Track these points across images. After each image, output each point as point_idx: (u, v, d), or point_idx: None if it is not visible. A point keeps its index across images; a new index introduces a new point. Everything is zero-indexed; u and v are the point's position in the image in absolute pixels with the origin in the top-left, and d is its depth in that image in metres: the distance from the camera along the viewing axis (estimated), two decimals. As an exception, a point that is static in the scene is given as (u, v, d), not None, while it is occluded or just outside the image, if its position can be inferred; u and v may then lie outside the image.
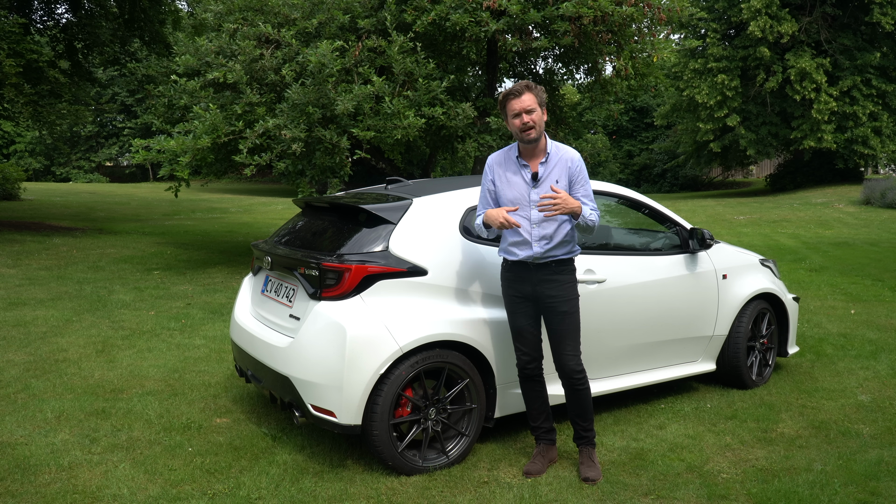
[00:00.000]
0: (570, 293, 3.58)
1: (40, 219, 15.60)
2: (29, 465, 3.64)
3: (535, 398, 3.75)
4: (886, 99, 25.11)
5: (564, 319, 3.56)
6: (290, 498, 3.37)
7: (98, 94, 37.63)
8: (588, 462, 3.65)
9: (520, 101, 3.47)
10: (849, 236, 14.66)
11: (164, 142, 8.14)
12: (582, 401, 3.64)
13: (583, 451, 3.71)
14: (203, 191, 28.48)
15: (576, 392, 3.62)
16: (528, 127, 3.46)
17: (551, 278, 3.55)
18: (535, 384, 3.73)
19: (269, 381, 3.87)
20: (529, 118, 3.45)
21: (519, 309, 3.65)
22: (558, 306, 3.55)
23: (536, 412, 3.77)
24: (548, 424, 3.78)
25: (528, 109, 3.45)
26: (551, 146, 3.57)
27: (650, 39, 9.70)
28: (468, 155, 10.44)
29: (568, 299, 3.56)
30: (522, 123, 3.46)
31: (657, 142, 37.28)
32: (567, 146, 3.61)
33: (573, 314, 3.58)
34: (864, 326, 6.83)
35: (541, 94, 3.52)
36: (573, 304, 3.58)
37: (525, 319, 3.65)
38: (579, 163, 3.54)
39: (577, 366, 3.58)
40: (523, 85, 3.50)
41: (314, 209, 4.44)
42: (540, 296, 3.57)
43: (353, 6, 8.56)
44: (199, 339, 6.15)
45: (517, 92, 3.48)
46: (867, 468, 3.71)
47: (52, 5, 16.04)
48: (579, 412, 3.67)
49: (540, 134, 3.50)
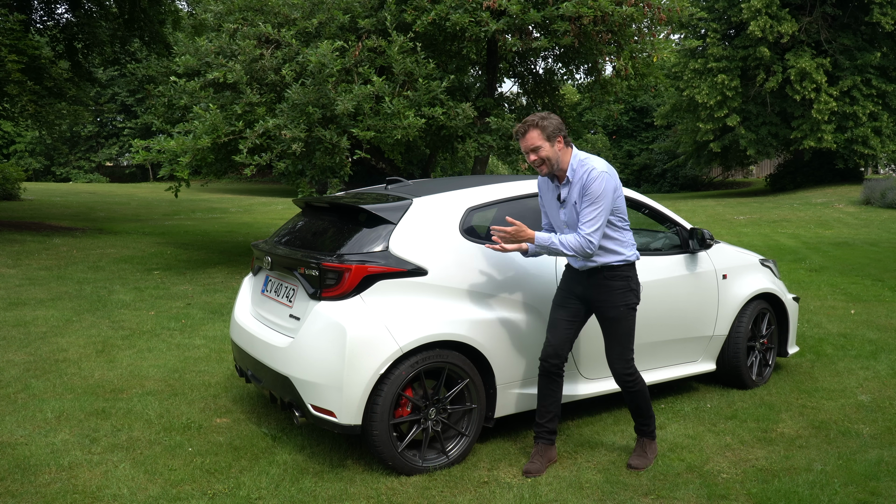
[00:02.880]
0: (619, 300, 3.63)
1: (40, 219, 15.60)
2: (29, 465, 3.64)
3: (548, 395, 3.77)
4: (886, 99, 25.11)
5: (612, 325, 3.67)
6: (290, 498, 3.37)
7: (98, 94, 37.62)
8: (639, 451, 3.81)
9: (524, 141, 3.57)
10: (849, 236, 14.66)
11: (164, 142, 8.13)
12: (636, 400, 3.77)
13: (639, 440, 3.85)
14: (203, 191, 28.48)
15: (629, 393, 3.76)
16: (538, 165, 3.58)
17: (601, 283, 3.65)
18: (551, 381, 3.75)
19: (269, 381, 3.87)
20: (536, 156, 3.55)
21: (564, 302, 3.76)
22: (606, 311, 3.66)
23: (545, 410, 3.78)
24: (552, 426, 3.79)
25: (534, 148, 3.53)
26: (574, 165, 3.59)
27: (650, 39, 9.70)
28: (468, 155, 10.44)
29: (615, 305, 3.63)
30: (532, 161, 3.59)
31: (657, 142, 37.28)
32: (593, 160, 3.58)
33: (621, 321, 3.65)
34: (864, 326, 6.83)
35: (548, 127, 3.52)
36: (621, 311, 3.64)
37: (564, 313, 3.74)
38: (591, 180, 3.49)
39: (625, 369, 3.69)
40: (528, 123, 3.55)
41: (314, 209, 4.44)
42: (590, 299, 3.70)
43: (353, 6, 8.56)
44: (199, 339, 6.15)
45: (521, 133, 3.58)
46: (867, 468, 3.71)
47: (51, 5, 16.04)
48: (634, 409, 3.81)
49: (553, 166, 3.57)
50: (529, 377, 3.97)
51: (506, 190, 4.19)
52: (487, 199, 4.08)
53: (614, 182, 3.56)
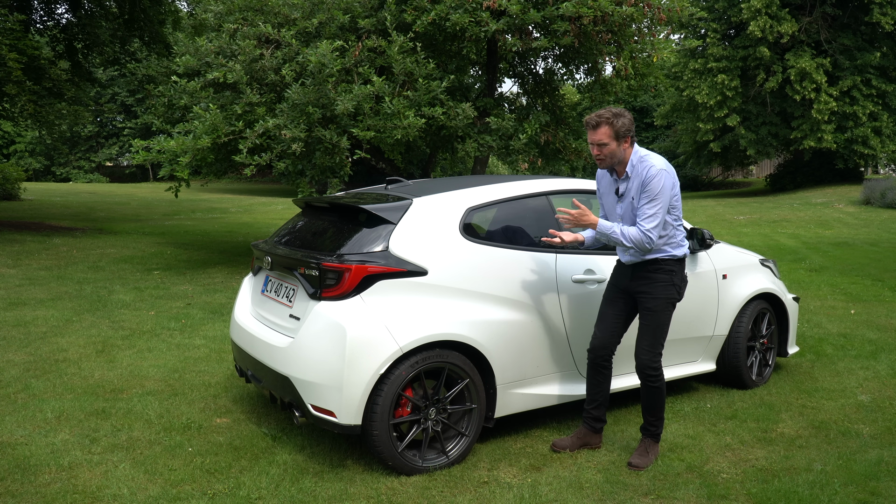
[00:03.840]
0: (660, 292, 3.72)
1: (40, 219, 15.60)
2: (29, 465, 3.64)
3: (595, 385, 3.90)
4: (886, 99, 25.12)
5: (648, 316, 3.73)
6: (290, 498, 3.37)
7: (98, 94, 37.64)
8: (642, 451, 3.80)
9: (594, 134, 3.65)
10: (849, 236, 14.66)
11: (164, 142, 8.13)
12: (653, 397, 3.78)
13: (643, 440, 3.85)
14: (203, 191, 28.48)
15: (648, 388, 3.78)
16: (598, 158, 3.67)
17: (645, 275, 3.74)
18: (598, 372, 3.88)
19: (269, 381, 3.87)
20: (600, 152, 3.64)
21: (610, 296, 3.88)
22: (645, 301, 3.74)
23: (592, 398, 3.92)
24: (598, 413, 3.91)
25: (601, 143, 3.63)
26: (634, 161, 3.67)
27: (650, 39, 9.70)
28: (468, 155, 10.44)
29: (656, 297, 3.71)
30: (594, 154, 3.67)
31: (657, 142, 37.28)
32: (652, 158, 3.65)
33: (658, 313, 3.72)
34: (864, 326, 6.83)
35: (620, 127, 3.59)
36: (660, 304, 3.72)
37: (611, 307, 3.85)
38: (650, 178, 3.58)
39: (651, 362, 3.72)
40: (603, 118, 3.61)
41: (314, 209, 4.44)
42: (633, 290, 3.78)
43: (353, 6, 8.56)
44: (199, 339, 6.15)
45: (592, 124, 3.63)
46: (867, 468, 3.71)
47: (51, 5, 16.03)
48: (648, 407, 3.81)
49: (613, 163, 3.67)
50: (529, 377, 3.97)
51: (506, 190, 4.19)
52: (487, 199, 4.08)
53: (672, 179, 3.64)
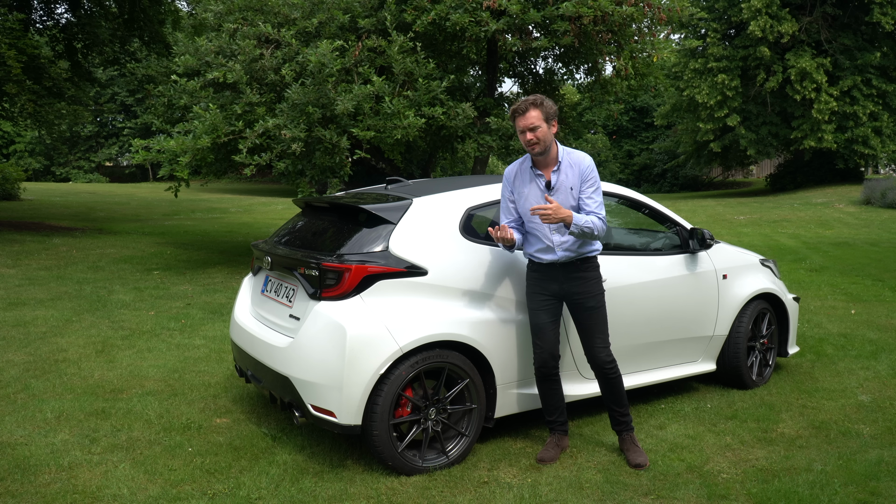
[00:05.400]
0: (595, 289, 3.73)
1: (40, 219, 15.60)
2: (29, 465, 3.64)
3: (551, 396, 3.88)
4: (886, 99, 25.11)
5: (592, 314, 3.73)
6: (290, 498, 3.37)
7: (98, 94, 37.62)
8: (633, 448, 3.80)
9: (524, 119, 3.60)
10: (849, 236, 14.66)
11: (163, 142, 8.13)
12: (615, 388, 3.79)
13: (624, 437, 3.85)
14: (203, 191, 28.48)
15: (609, 381, 3.78)
16: (533, 143, 3.60)
17: (577, 276, 3.71)
18: (551, 383, 3.84)
19: (269, 381, 3.87)
20: (533, 135, 3.59)
21: (542, 306, 3.76)
22: (585, 302, 3.71)
23: (552, 408, 3.89)
24: (562, 418, 3.91)
25: (532, 127, 3.59)
26: (563, 153, 3.69)
27: (650, 39, 9.70)
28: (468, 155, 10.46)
29: (594, 294, 3.72)
30: (527, 140, 3.60)
31: (657, 142, 37.29)
32: (579, 151, 3.73)
33: (599, 308, 3.73)
34: (865, 326, 6.83)
35: (548, 109, 3.61)
36: (599, 300, 3.73)
37: (547, 317, 3.76)
38: (589, 167, 3.67)
39: (608, 356, 3.74)
40: (529, 102, 3.61)
41: (314, 209, 4.44)
42: (567, 293, 3.74)
43: (353, 6, 8.55)
44: (199, 339, 6.15)
45: (522, 110, 3.61)
46: (867, 468, 3.71)
47: (51, 5, 16.03)
48: (614, 399, 3.82)
49: (546, 148, 3.63)
50: (529, 377, 3.97)
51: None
52: (487, 199, 4.09)
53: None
